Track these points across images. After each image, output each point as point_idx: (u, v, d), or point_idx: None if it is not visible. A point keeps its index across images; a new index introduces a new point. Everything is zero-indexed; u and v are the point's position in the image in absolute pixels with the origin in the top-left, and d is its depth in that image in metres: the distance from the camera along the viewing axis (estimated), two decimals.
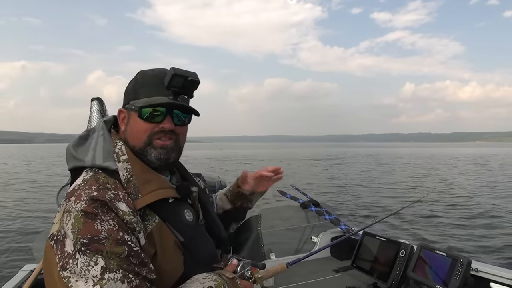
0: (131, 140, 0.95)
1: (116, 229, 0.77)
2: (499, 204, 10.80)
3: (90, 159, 0.91)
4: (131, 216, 0.81)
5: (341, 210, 9.66)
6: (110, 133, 0.98)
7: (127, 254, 0.76)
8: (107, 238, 0.75)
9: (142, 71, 0.98)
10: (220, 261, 1.07)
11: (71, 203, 0.80)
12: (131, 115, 0.94)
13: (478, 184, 16.05)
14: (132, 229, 0.81)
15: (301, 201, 2.82)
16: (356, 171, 24.65)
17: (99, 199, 0.79)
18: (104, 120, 1.01)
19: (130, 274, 0.75)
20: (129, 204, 0.83)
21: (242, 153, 64.37)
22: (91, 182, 0.85)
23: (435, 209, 9.67)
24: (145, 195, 0.87)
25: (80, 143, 0.97)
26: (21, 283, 1.72)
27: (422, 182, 17.17)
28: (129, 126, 0.95)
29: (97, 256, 0.73)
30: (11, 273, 2.04)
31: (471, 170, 24.10)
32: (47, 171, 24.33)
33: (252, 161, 38.16)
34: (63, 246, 0.75)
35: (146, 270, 0.78)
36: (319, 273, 2.18)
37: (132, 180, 0.88)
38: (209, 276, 0.89)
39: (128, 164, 0.90)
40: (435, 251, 1.68)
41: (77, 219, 0.76)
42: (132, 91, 0.96)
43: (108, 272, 0.72)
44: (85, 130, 1.02)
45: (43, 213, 9.30)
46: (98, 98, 1.59)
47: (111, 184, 0.86)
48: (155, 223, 0.87)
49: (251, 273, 1.01)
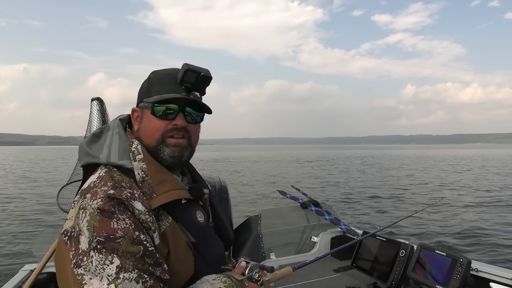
0: (145, 138, 0.94)
1: (132, 228, 0.78)
2: (500, 203, 10.81)
3: (105, 156, 0.91)
4: (147, 216, 0.82)
5: (341, 210, 9.66)
6: (126, 132, 0.98)
7: (142, 254, 0.76)
8: (123, 237, 0.75)
9: (155, 70, 0.99)
10: (227, 263, 1.08)
11: (87, 200, 0.80)
12: (145, 112, 0.95)
13: (478, 184, 16.06)
14: (148, 228, 0.81)
15: (301, 201, 2.82)
16: (356, 172, 24.64)
17: (116, 197, 0.79)
18: (120, 119, 1.01)
19: (145, 274, 0.75)
20: (144, 204, 0.83)
21: (244, 155, 64.35)
22: (107, 179, 0.84)
23: (436, 209, 9.66)
24: (160, 195, 0.87)
25: (94, 140, 0.97)
26: (21, 283, 1.72)
27: (424, 186, 17.16)
28: (143, 124, 0.95)
29: (112, 255, 0.73)
30: (11, 273, 2.03)
31: (471, 171, 24.10)
32: (47, 171, 24.32)
33: (253, 162, 38.16)
34: (77, 243, 0.75)
35: (160, 270, 0.78)
36: (319, 273, 2.18)
37: (147, 179, 0.88)
38: (219, 278, 0.90)
39: (143, 164, 0.90)
40: (435, 251, 1.68)
41: (93, 217, 0.76)
42: (145, 89, 0.96)
43: (123, 272, 0.72)
44: (98, 128, 1.02)
45: (43, 213, 9.30)
46: (98, 98, 1.59)
47: (126, 182, 0.85)
48: (169, 223, 0.87)
49: (259, 276, 1.02)
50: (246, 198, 12.00)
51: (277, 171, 24.98)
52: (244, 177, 19.97)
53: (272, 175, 21.22)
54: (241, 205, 10.14)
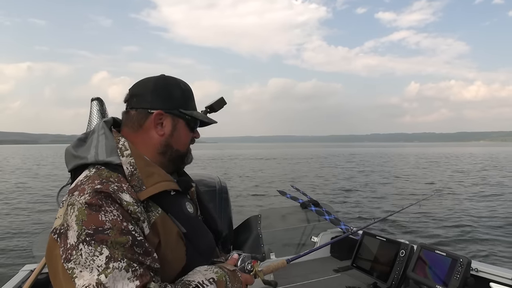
0: (177, 145, 1.01)
1: (120, 219, 0.78)
2: (500, 204, 10.80)
3: (93, 155, 0.91)
4: (135, 207, 0.83)
5: (341, 210, 9.67)
6: (111, 132, 0.99)
7: (131, 243, 0.77)
8: (111, 229, 0.76)
9: (182, 81, 1.04)
10: (219, 255, 1.09)
11: (75, 196, 0.81)
12: (179, 122, 1.01)
13: (479, 185, 16.05)
14: (136, 219, 0.82)
15: (301, 201, 2.82)
16: (357, 171, 24.64)
17: (103, 191, 0.80)
18: (104, 121, 1.02)
19: (135, 263, 0.76)
20: (132, 195, 0.84)
21: (248, 153, 64.36)
22: (94, 177, 0.85)
23: (436, 209, 9.67)
24: (149, 187, 0.89)
25: (80, 144, 0.98)
26: (21, 283, 1.72)
27: (424, 182, 17.17)
28: (177, 132, 1.01)
29: (101, 246, 0.74)
30: (11, 273, 2.04)
31: (471, 170, 24.10)
32: (48, 171, 24.32)
33: (255, 160, 38.15)
34: (66, 239, 0.76)
35: (150, 259, 0.79)
36: (319, 273, 2.18)
37: (136, 173, 0.90)
38: (211, 268, 0.91)
39: (131, 158, 0.91)
40: (435, 251, 1.68)
41: (81, 211, 0.77)
42: (182, 100, 1.01)
43: (113, 262, 0.73)
44: (83, 133, 1.02)
45: (43, 213, 9.30)
46: (98, 98, 1.59)
47: (115, 177, 0.86)
48: (159, 214, 0.89)
49: (252, 266, 1.03)
50: (246, 198, 12.00)
51: (278, 170, 25.00)
52: (244, 177, 19.97)
53: (272, 175, 21.24)
54: (241, 205, 10.15)
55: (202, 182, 2.16)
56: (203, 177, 2.29)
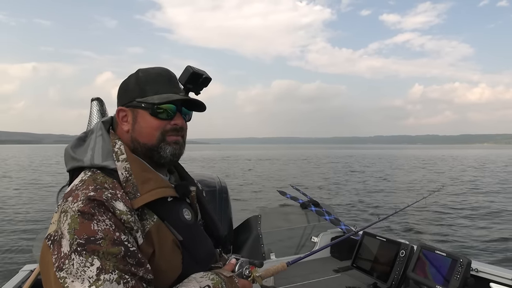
0: (142, 138, 0.93)
1: (113, 229, 0.77)
2: (500, 204, 10.80)
3: (89, 159, 0.90)
4: (129, 216, 0.81)
5: (341, 210, 9.66)
6: (109, 133, 0.98)
7: (124, 254, 0.75)
8: (103, 239, 0.75)
9: (142, 69, 0.98)
10: (218, 260, 1.06)
11: (68, 203, 0.80)
12: (139, 112, 0.94)
13: (478, 184, 16.05)
14: (130, 228, 0.81)
15: (301, 201, 2.82)
16: (358, 172, 24.63)
17: (96, 199, 0.79)
18: (102, 121, 1.01)
19: (126, 275, 0.74)
20: (126, 203, 0.82)
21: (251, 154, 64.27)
22: (89, 182, 0.84)
23: (436, 209, 9.67)
24: (144, 194, 0.86)
25: (79, 144, 0.97)
26: (21, 283, 1.72)
27: (425, 183, 17.16)
28: (138, 124, 0.94)
29: (93, 257, 0.73)
30: (11, 273, 2.03)
31: (471, 170, 24.09)
32: (48, 171, 24.32)
33: (257, 161, 38.14)
34: (59, 247, 0.76)
35: (143, 271, 0.78)
36: (319, 273, 2.18)
37: (131, 179, 0.88)
38: (206, 275, 0.89)
39: (127, 163, 0.90)
40: (435, 251, 1.68)
41: (74, 219, 0.76)
42: (136, 88, 0.94)
43: (104, 273, 0.72)
44: (83, 132, 1.02)
45: (43, 213, 9.30)
46: (98, 98, 1.58)
47: (109, 183, 0.85)
48: (154, 222, 0.87)
49: (249, 272, 1.00)
50: (246, 198, 12.00)
51: (278, 171, 24.98)
52: (244, 177, 19.96)
53: (272, 175, 21.23)
54: (241, 205, 10.14)
55: (202, 182, 2.15)
56: (203, 177, 2.29)
